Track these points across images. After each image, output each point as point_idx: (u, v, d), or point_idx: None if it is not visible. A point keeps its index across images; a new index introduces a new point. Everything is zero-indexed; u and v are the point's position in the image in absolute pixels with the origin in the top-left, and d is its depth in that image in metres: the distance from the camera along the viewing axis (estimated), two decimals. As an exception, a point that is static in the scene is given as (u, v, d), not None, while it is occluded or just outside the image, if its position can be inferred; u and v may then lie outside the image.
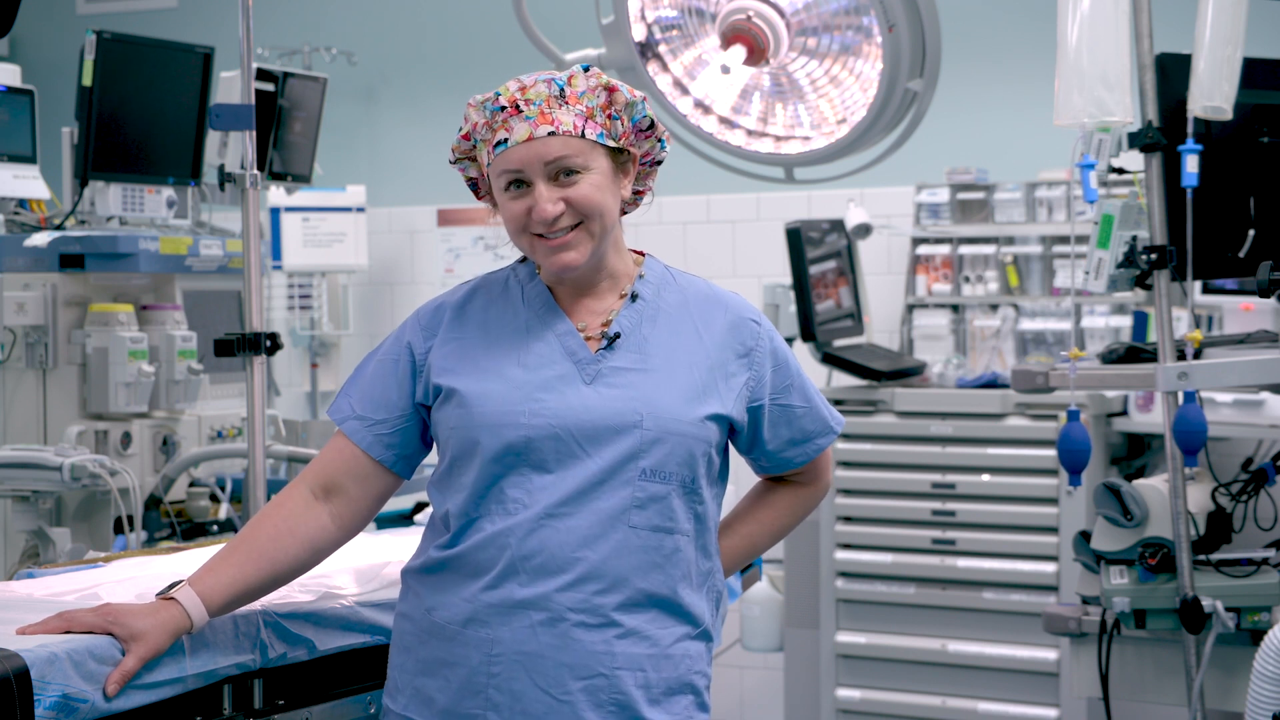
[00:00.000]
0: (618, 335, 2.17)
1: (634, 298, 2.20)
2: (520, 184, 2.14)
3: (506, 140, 2.13)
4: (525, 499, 2.11)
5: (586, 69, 2.18)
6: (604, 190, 2.15)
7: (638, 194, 2.27)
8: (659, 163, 2.27)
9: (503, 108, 2.14)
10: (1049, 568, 4.91)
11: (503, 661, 2.10)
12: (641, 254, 2.27)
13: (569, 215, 2.13)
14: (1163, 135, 3.41)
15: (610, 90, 2.18)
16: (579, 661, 2.09)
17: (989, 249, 5.45)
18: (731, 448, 2.27)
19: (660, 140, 2.24)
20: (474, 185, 2.26)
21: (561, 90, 2.15)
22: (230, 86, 4.25)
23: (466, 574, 2.12)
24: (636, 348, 2.17)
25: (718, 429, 2.17)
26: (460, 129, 2.20)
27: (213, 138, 4.48)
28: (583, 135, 2.13)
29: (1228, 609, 3.42)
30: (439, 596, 2.14)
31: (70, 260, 4.19)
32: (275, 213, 6.44)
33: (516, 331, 2.18)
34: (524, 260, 2.26)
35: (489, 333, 2.19)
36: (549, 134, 2.12)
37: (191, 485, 4.29)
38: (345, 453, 2.21)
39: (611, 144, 2.16)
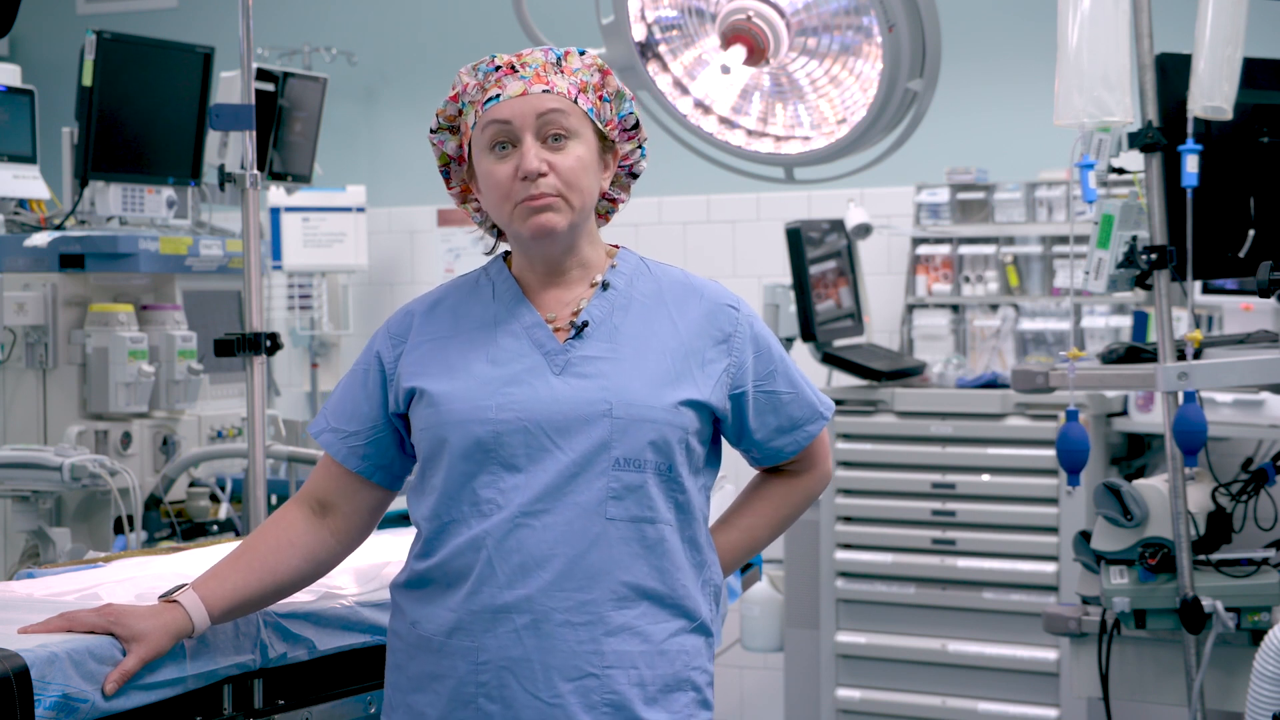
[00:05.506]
0: (585, 324, 2.13)
1: (605, 286, 2.17)
2: (506, 146, 2.10)
3: (499, 95, 2.10)
4: (499, 499, 2.08)
5: (582, 52, 2.17)
6: (588, 166, 2.12)
7: (611, 202, 2.25)
8: (635, 175, 2.25)
9: (497, 68, 2.13)
10: (1049, 568, 4.91)
11: (490, 669, 2.07)
12: (616, 247, 2.24)
13: (553, 180, 2.09)
14: (1163, 135, 3.41)
15: (604, 73, 2.17)
16: (566, 662, 2.06)
17: (989, 249, 5.45)
18: (725, 443, 2.25)
19: (641, 147, 2.22)
20: (445, 172, 2.23)
21: (558, 60, 2.15)
22: (230, 86, 4.25)
23: (447, 584, 2.10)
24: (607, 336, 2.13)
25: (694, 415, 2.13)
26: (450, 94, 2.17)
27: (213, 138, 4.49)
28: (575, 102, 2.12)
29: (1228, 609, 3.42)
30: (423, 609, 2.12)
31: (70, 260, 4.19)
32: (275, 213, 6.44)
33: (485, 327, 2.15)
34: (494, 258, 2.25)
35: (459, 332, 2.16)
36: (543, 91, 2.10)
37: (191, 485, 4.29)
38: (330, 469, 2.21)
39: (599, 125, 2.15)
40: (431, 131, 2.21)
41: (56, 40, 7.09)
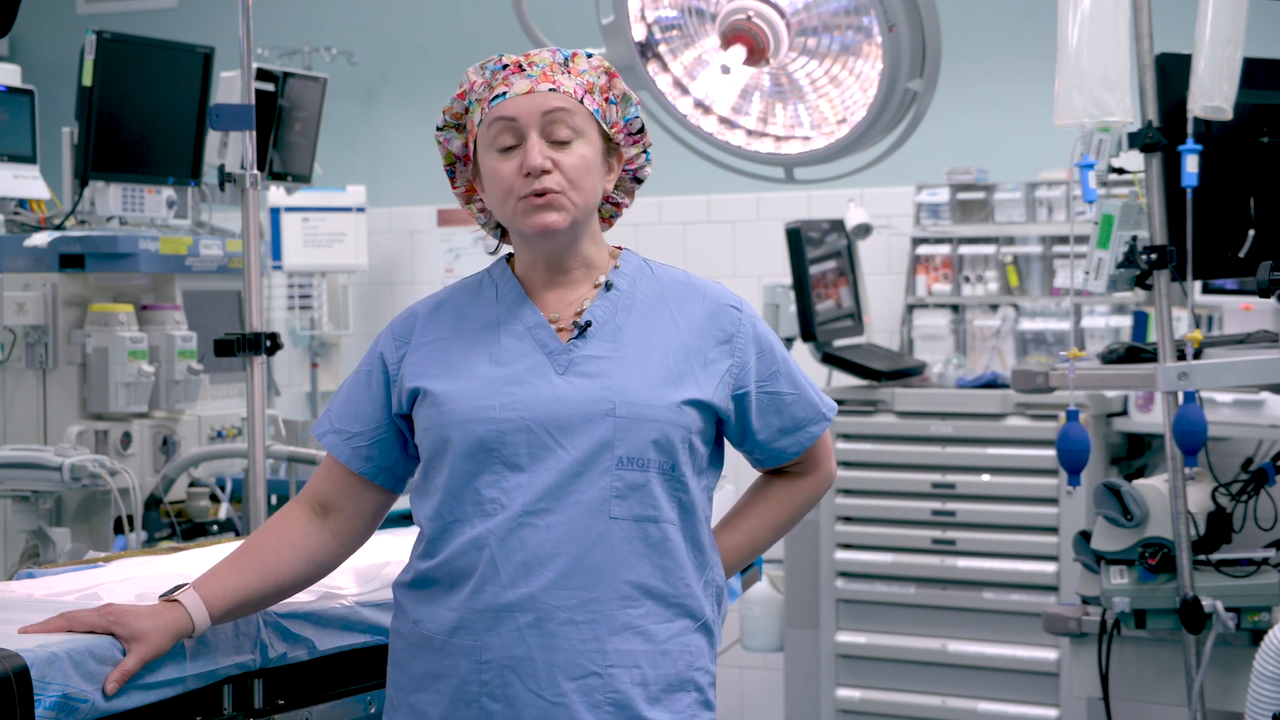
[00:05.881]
0: (589, 324, 2.14)
1: (608, 287, 2.17)
2: (511, 143, 2.11)
3: (505, 93, 2.11)
4: (502, 499, 2.08)
5: (590, 54, 2.18)
6: (592, 166, 2.13)
7: (615, 206, 2.25)
8: (640, 180, 2.26)
9: (505, 66, 2.14)
10: (1049, 568, 4.91)
11: (493, 668, 2.07)
12: (619, 249, 2.25)
13: (556, 178, 2.10)
14: (1163, 135, 3.41)
15: (611, 75, 2.18)
16: (569, 661, 2.06)
17: (989, 249, 5.45)
18: (728, 444, 2.25)
19: (646, 152, 2.23)
20: (451, 171, 2.23)
21: (566, 60, 2.16)
22: (230, 86, 4.25)
23: (450, 583, 2.10)
24: (610, 336, 2.14)
25: (697, 415, 2.13)
26: (457, 92, 2.18)
27: (213, 138, 4.49)
28: (581, 102, 2.13)
29: (1228, 609, 3.42)
30: (426, 609, 2.13)
31: (70, 260, 4.19)
32: (275, 213, 6.44)
33: (488, 328, 2.16)
34: (497, 259, 2.25)
35: (462, 332, 2.17)
36: (549, 90, 2.12)
37: (191, 485, 4.29)
38: (333, 470, 2.21)
39: (604, 126, 2.16)
40: (438, 129, 2.22)
41: (56, 40, 7.09)
